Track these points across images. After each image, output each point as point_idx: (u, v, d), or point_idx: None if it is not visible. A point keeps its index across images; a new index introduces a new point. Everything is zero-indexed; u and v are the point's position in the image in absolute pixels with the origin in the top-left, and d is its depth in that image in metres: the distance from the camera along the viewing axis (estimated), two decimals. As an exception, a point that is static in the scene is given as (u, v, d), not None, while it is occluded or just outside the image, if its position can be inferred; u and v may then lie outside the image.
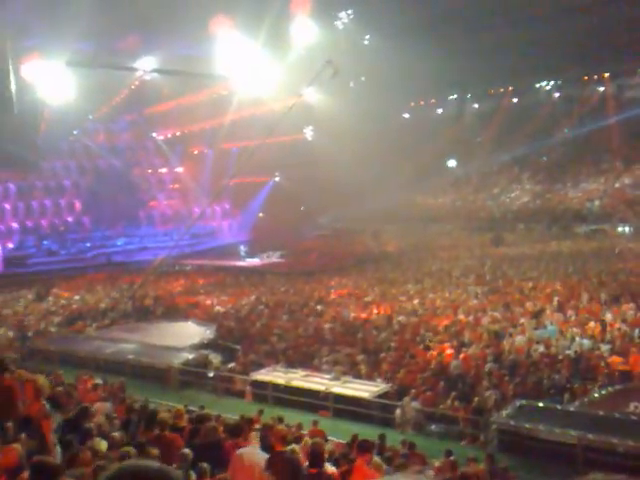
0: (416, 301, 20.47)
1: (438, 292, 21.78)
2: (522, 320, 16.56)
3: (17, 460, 3.45)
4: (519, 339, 14.87)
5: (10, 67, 26.16)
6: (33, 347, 17.06)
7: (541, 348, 13.98)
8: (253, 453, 5.03)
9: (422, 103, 49.58)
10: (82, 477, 3.21)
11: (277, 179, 45.69)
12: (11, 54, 26.00)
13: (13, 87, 26.63)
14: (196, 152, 44.14)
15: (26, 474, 3.44)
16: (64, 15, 25.73)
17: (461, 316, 17.82)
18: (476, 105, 48.78)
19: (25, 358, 15.81)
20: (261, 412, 9.98)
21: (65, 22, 25.87)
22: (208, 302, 22.90)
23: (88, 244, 35.59)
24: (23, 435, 4.76)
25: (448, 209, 41.77)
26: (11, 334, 18.79)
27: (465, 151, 46.05)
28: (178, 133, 42.93)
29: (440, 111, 49.75)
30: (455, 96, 48.99)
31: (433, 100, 49.55)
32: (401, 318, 18.08)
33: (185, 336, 17.09)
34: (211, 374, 14.28)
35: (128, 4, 28.17)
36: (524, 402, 10.81)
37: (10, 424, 4.72)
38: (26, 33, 28.10)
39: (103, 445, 4.76)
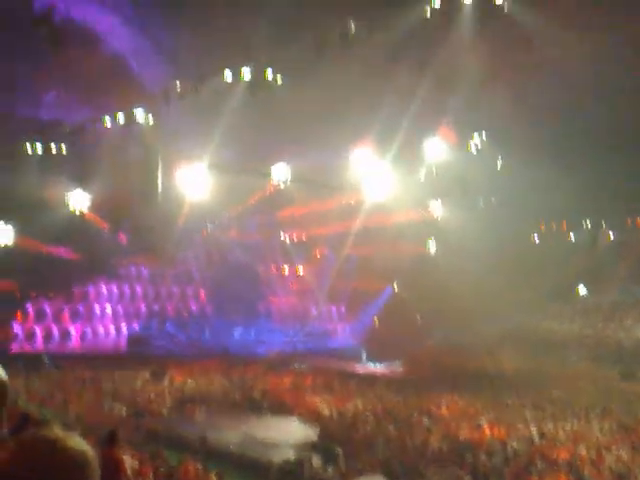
0: (533, 428, 19.14)
1: (558, 422, 20.27)
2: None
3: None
4: (648, 484, 13.43)
5: (159, 171, 28.84)
6: (144, 425, 17.46)
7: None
8: None
9: (554, 227, 48.33)
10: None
11: (395, 287, 45.59)
12: (161, 157, 28.67)
13: (160, 185, 29.25)
14: (319, 255, 45.30)
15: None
16: (211, 124, 28.02)
17: (582, 451, 16.41)
18: (611, 234, 46.82)
19: (135, 435, 16.21)
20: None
21: (211, 130, 28.19)
22: (314, 402, 22.66)
23: (207, 331, 36.92)
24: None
25: (574, 336, 39.45)
26: (125, 410, 19.47)
27: (597, 279, 43.97)
28: (304, 236, 44.47)
29: (572, 236, 48.17)
30: (589, 223, 47.37)
31: (565, 225, 48.16)
32: (515, 444, 16.92)
33: (288, 433, 16.93)
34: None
35: (267, 119, 30.14)
36: None
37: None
38: (177, 137, 30.96)
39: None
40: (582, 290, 46.20)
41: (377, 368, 34.59)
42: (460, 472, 14.57)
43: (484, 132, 36.65)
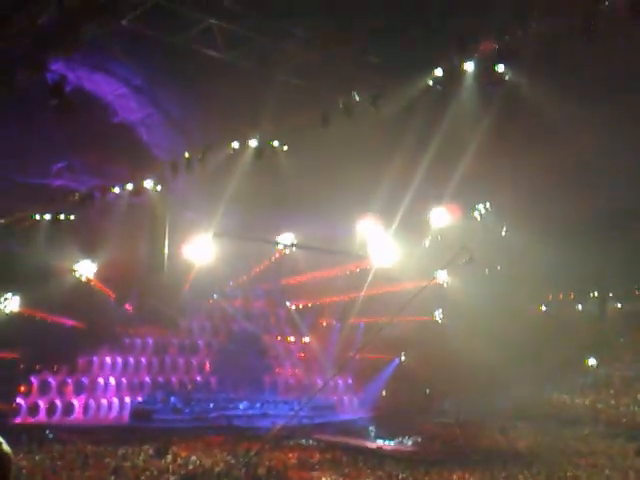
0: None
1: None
2: None
3: None
4: None
5: (166, 240, 28.93)
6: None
7: None
8: None
9: (561, 297, 47.97)
10: None
11: (403, 358, 44.89)
12: (168, 225, 28.76)
13: (166, 251, 29.28)
14: (325, 324, 44.85)
15: None
16: (217, 193, 28.26)
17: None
18: (619, 305, 46.39)
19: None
20: None
21: (217, 200, 28.41)
22: (322, 480, 21.98)
23: (211, 405, 36.15)
24: None
25: (586, 411, 38.58)
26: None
27: (607, 351, 43.33)
28: (310, 304, 44.13)
29: (580, 307, 47.75)
30: (596, 293, 46.98)
31: (572, 295, 47.77)
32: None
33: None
34: None
35: (274, 189, 30.39)
36: None
37: None
38: (185, 206, 31.21)
39: None
40: (592, 361, 45.44)
41: (386, 444, 33.66)
42: None
43: (489, 202, 36.83)
